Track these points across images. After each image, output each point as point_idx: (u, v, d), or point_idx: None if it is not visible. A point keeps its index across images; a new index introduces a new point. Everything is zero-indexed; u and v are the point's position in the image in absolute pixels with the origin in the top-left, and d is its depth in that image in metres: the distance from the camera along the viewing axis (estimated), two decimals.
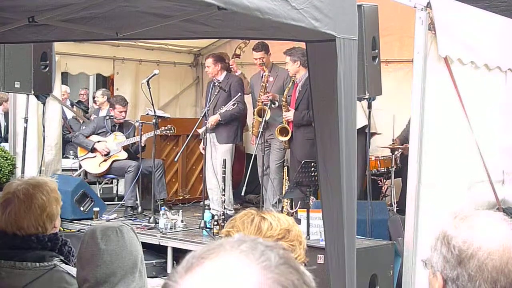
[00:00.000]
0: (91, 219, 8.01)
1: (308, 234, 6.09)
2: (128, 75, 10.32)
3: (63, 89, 11.08)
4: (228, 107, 8.24)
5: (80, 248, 2.55)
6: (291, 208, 7.83)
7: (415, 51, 5.75)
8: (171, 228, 7.55)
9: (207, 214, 7.53)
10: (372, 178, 7.71)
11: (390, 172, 8.20)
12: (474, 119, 6.14)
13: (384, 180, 8.47)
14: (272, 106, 8.03)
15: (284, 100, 7.96)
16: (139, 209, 8.39)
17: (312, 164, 6.31)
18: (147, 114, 8.69)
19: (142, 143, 8.51)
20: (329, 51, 3.07)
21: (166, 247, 7.33)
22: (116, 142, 8.86)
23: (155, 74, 8.15)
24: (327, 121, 3.24)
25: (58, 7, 3.30)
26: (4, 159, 8.23)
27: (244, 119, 9.20)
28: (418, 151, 5.70)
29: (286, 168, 8.29)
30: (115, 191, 10.01)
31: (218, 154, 8.35)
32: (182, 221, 7.71)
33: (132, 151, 8.90)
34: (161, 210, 7.87)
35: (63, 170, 9.30)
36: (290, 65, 7.83)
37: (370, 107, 6.46)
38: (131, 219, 8.10)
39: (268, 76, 8.25)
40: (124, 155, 8.84)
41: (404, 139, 8.00)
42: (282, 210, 8.02)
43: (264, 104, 8.03)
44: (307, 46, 3.33)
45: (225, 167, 7.99)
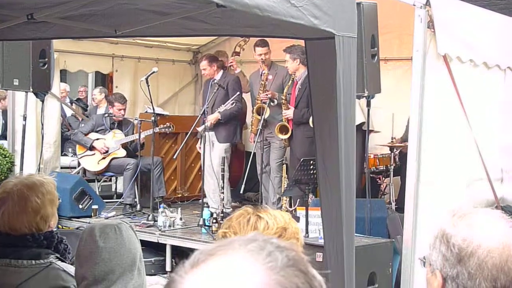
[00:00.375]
0: (89, 216, 8.00)
1: (307, 232, 6.09)
2: (127, 72, 10.31)
3: (62, 87, 11.06)
4: (227, 105, 8.23)
5: (79, 246, 2.54)
6: (290, 206, 7.83)
7: (414, 49, 5.74)
8: (169, 226, 7.54)
9: (206, 212, 7.51)
10: (371, 176, 7.70)
11: (389, 170, 8.21)
12: (473, 117, 6.14)
13: (383, 178, 8.48)
14: (271, 104, 8.02)
15: (283, 98, 7.96)
16: (138, 207, 8.38)
17: (311, 162, 6.31)
18: (146, 111, 8.68)
19: (141, 141, 8.50)
20: (328, 49, 3.06)
21: (165, 245, 7.32)
22: (115, 140, 8.85)
23: (154, 72, 8.13)
24: (326, 118, 3.23)
25: (57, 4, 3.30)
26: (3, 156, 8.21)
27: (243, 117, 9.19)
28: (417, 149, 5.70)
29: (285, 166, 8.29)
30: (113, 189, 10.00)
31: (216, 153, 8.34)
32: (181, 219, 7.70)
33: (131, 149, 8.89)
34: (160, 208, 7.85)
35: (61, 168, 9.29)
36: (289, 63, 7.82)
37: (369, 105, 6.45)
38: (129, 217, 8.09)
39: (267, 74, 8.24)
40: (123, 152, 8.83)
41: (406, 138, 7.99)
42: (281, 208, 8.02)
43: (263, 102, 8.02)
44: (306, 44, 3.32)
45: (224, 165, 7.98)
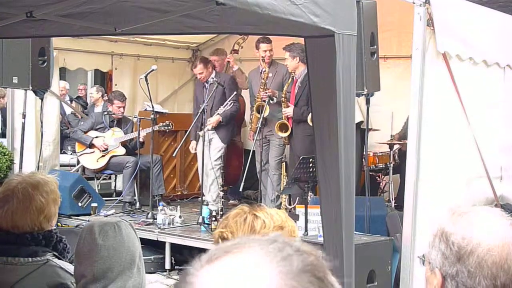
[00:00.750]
0: (89, 214, 8.00)
1: (306, 230, 6.09)
2: (126, 70, 10.30)
3: (62, 85, 11.06)
4: (226, 106, 8.24)
5: (78, 244, 2.54)
6: (289, 204, 7.83)
7: (413, 47, 5.74)
8: (169, 224, 7.54)
9: (205, 210, 7.52)
10: (370, 174, 7.70)
11: (388, 168, 8.20)
12: (473, 115, 6.14)
13: (382, 176, 8.48)
14: (271, 102, 8.02)
15: (283, 96, 7.95)
16: (137, 204, 8.39)
17: (310, 160, 6.31)
18: (145, 109, 8.68)
19: (140, 139, 8.50)
20: (328, 47, 3.06)
21: (164, 242, 7.32)
22: (114, 138, 8.84)
23: (153, 70, 8.13)
24: (326, 116, 3.23)
25: (56, 2, 3.29)
26: (2, 154, 8.21)
27: (241, 116, 9.20)
28: (416, 147, 5.70)
29: (284, 164, 8.29)
30: (113, 187, 10.00)
31: (214, 150, 8.36)
32: (180, 216, 7.70)
33: (130, 147, 8.89)
34: (159, 205, 7.86)
35: (61, 166, 9.29)
36: (289, 61, 7.82)
37: (368, 103, 6.45)
38: (129, 215, 8.10)
39: (267, 73, 8.24)
40: (122, 150, 8.83)
41: (403, 136, 7.99)
42: (280, 206, 8.02)
43: (263, 101, 8.02)
44: (306, 42, 3.32)
45: (223, 163, 8.00)
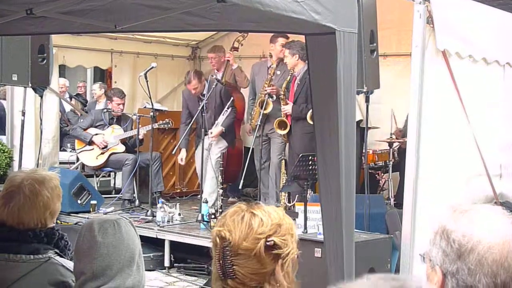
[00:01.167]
0: (88, 212, 8.01)
1: (306, 228, 6.09)
2: (126, 68, 10.30)
3: (62, 82, 11.06)
4: (224, 114, 8.25)
5: (77, 241, 2.54)
6: (289, 202, 7.83)
7: (413, 44, 5.73)
8: (168, 221, 7.54)
9: (205, 208, 7.52)
10: (370, 171, 7.70)
11: (388, 166, 8.20)
12: (472, 113, 6.13)
13: (382, 174, 8.47)
14: (270, 99, 8.02)
15: (282, 93, 7.95)
16: (137, 202, 8.39)
17: (310, 157, 6.31)
18: (145, 107, 8.67)
19: (139, 137, 8.50)
20: (329, 44, 3.06)
21: (164, 240, 7.33)
22: (113, 135, 8.84)
23: (152, 67, 8.13)
24: (326, 114, 3.23)
25: None
26: (1, 152, 8.21)
27: (241, 114, 9.20)
28: (416, 145, 5.70)
29: (284, 162, 8.29)
30: (112, 184, 10.00)
31: (215, 149, 8.37)
32: (179, 214, 7.70)
33: (130, 144, 8.89)
34: (158, 203, 7.85)
35: (60, 163, 9.29)
36: (288, 58, 7.82)
37: (368, 100, 6.44)
38: (128, 212, 8.10)
39: (275, 69, 8.23)
40: (121, 148, 8.83)
41: (405, 133, 7.98)
42: (280, 203, 8.02)
43: (269, 96, 8.04)
44: (307, 39, 3.32)
45: (222, 161, 8.00)
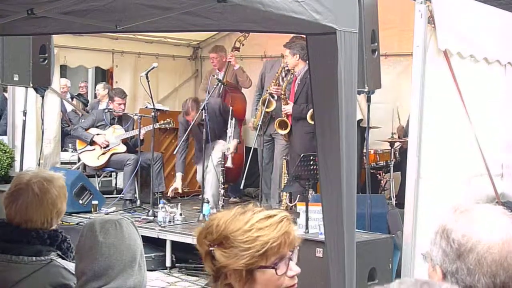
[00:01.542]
0: (89, 212, 8.00)
1: (307, 228, 6.09)
2: (127, 68, 10.31)
3: (64, 82, 11.07)
4: (231, 125, 8.26)
5: (79, 241, 2.53)
6: (290, 202, 7.83)
7: (414, 44, 5.73)
8: (169, 221, 7.54)
9: (206, 207, 7.52)
10: (371, 171, 7.70)
11: (389, 165, 8.20)
12: (474, 113, 6.14)
13: (383, 174, 8.47)
14: (271, 99, 8.03)
15: (283, 93, 7.96)
16: (138, 202, 8.38)
17: (311, 157, 6.31)
18: (146, 107, 8.67)
19: (141, 137, 8.50)
20: (330, 44, 3.06)
21: (165, 240, 7.33)
22: (115, 135, 8.85)
23: (154, 67, 8.13)
24: (327, 114, 3.23)
25: None
26: (3, 152, 8.22)
27: (242, 114, 9.20)
28: (418, 144, 5.70)
29: (285, 162, 8.28)
30: (114, 184, 10.01)
31: (218, 150, 8.38)
32: (180, 214, 7.70)
33: (131, 145, 8.89)
34: (160, 203, 7.86)
35: (62, 163, 9.30)
36: (289, 58, 7.82)
37: (369, 100, 6.44)
38: (129, 212, 8.09)
39: (284, 69, 8.24)
40: (123, 148, 8.83)
41: (406, 132, 7.98)
42: (281, 203, 8.03)
43: (270, 95, 8.04)
44: (307, 39, 3.32)
45: (223, 161, 8.01)
